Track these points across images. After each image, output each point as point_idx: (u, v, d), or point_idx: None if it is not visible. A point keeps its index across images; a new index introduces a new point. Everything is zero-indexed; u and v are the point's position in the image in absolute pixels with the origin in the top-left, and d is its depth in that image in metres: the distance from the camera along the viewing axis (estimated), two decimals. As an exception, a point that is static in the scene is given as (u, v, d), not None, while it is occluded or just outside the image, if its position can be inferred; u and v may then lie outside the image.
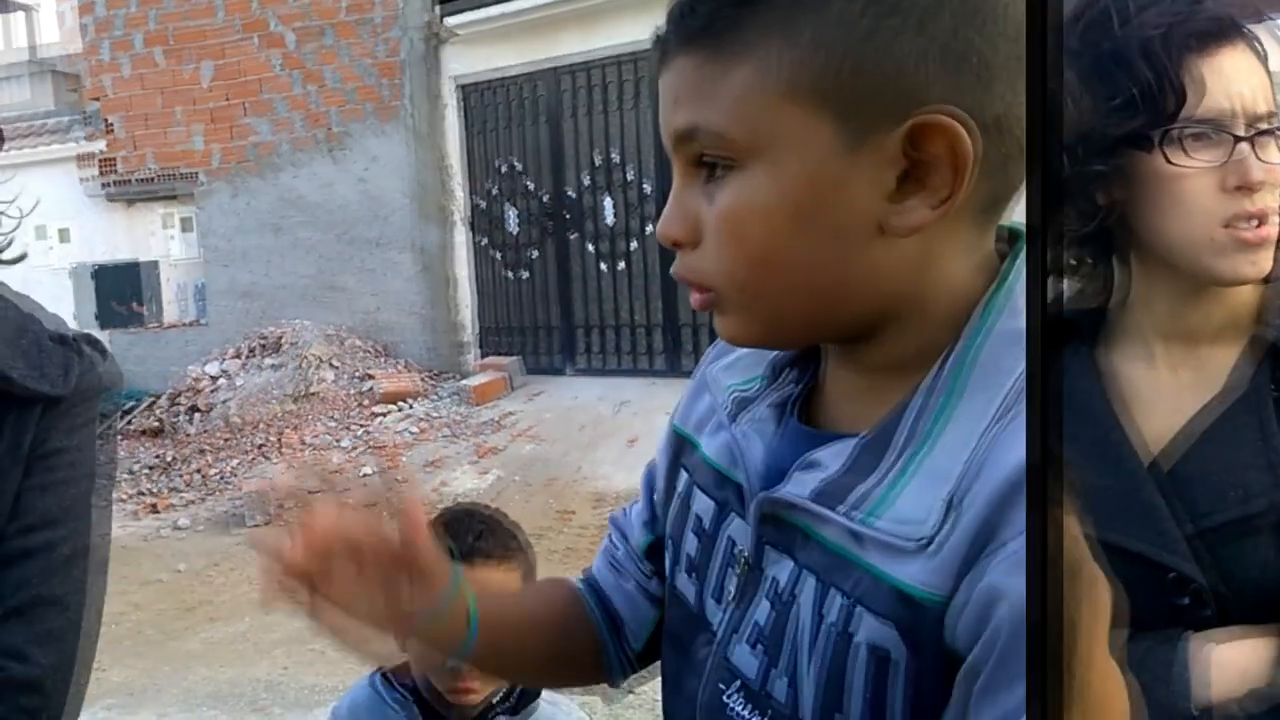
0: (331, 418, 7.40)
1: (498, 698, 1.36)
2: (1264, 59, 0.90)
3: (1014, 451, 0.57)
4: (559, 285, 7.86)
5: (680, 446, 0.84)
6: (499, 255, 8.17)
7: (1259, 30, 0.90)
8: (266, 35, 8.59)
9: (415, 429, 7.15)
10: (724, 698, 0.70)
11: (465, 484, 6.31)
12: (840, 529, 0.63)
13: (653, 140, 7.35)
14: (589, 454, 6.43)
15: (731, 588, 0.72)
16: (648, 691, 3.91)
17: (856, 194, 0.62)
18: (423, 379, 7.89)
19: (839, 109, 0.61)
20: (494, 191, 8.14)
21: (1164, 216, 0.87)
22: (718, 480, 0.76)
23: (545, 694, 1.41)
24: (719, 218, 0.65)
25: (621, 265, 7.56)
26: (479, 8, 7.82)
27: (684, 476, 0.82)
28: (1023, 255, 0.66)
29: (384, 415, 7.39)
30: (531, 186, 7.95)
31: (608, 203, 7.59)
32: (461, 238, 8.26)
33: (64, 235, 9.46)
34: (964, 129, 0.60)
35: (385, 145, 8.28)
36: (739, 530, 0.73)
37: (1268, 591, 0.86)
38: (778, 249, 0.64)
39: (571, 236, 7.78)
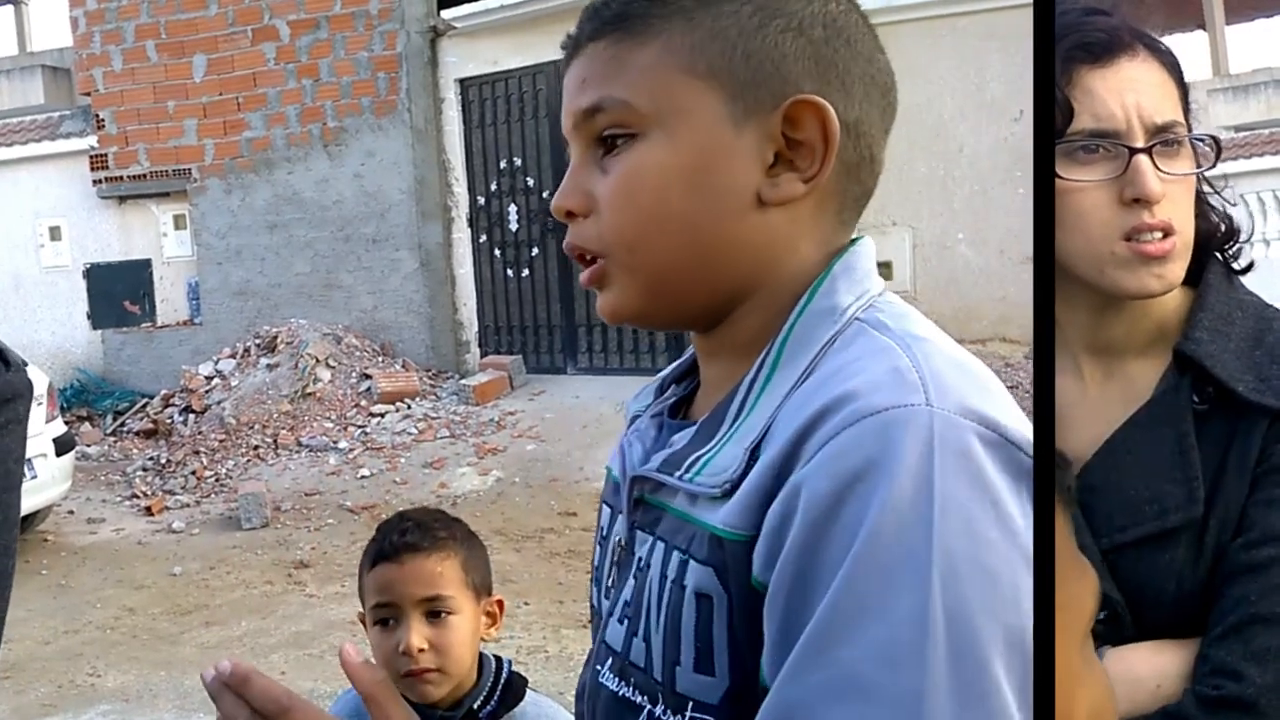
0: (329, 418, 7.32)
1: (480, 699, 1.36)
2: (1172, 67, 0.89)
3: (809, 404, 0.64)
4: (560, 283, 7.80)
5: (607, 483, 0.89)
6: (500, 253, 8.10)
7: (1169, 39, 0.90)
8: (261, 28, 8.50)
9: (415, 429, 7.08)
10: (599, 678, 0.76)
11: (466, 485, 6.28)
12: (682, 494, 0.70)
13: (655, 135, 7.28)
14: (591, 453, 6.38)
15: (610, 578, 0.79)
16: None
17: (739, 164, 0.70)
18: (422, 378, 7.81)
19: (730, 88, 0.70)
20: (494, 189, 8.07)
21: (1064, 232, 0.87)
22: (612, 488, 0.83)
23: (530, 694, 1.41)
24: (616, 180, 0.72)
25: (624, 262, 7.50)
26: (477, 0, 7.74)
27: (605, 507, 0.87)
28: (854, 249, 0.73)
29: (383, 415, 7.31)
30: (532, 184, 7.88)
31: (610, 199, 7.54)
32: (462, 235, 8.19)
33: (55, 233, 9.33)
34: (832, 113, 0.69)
35: (383, 141, 8.20)
36: (620, 526, 0.79)
37: (1182, 605, 0.87)
38: (668, 208, 0.71)
39: (573, 233, 7.71)
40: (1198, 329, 0.90)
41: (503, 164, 7.99)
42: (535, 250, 7.92)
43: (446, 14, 7.90)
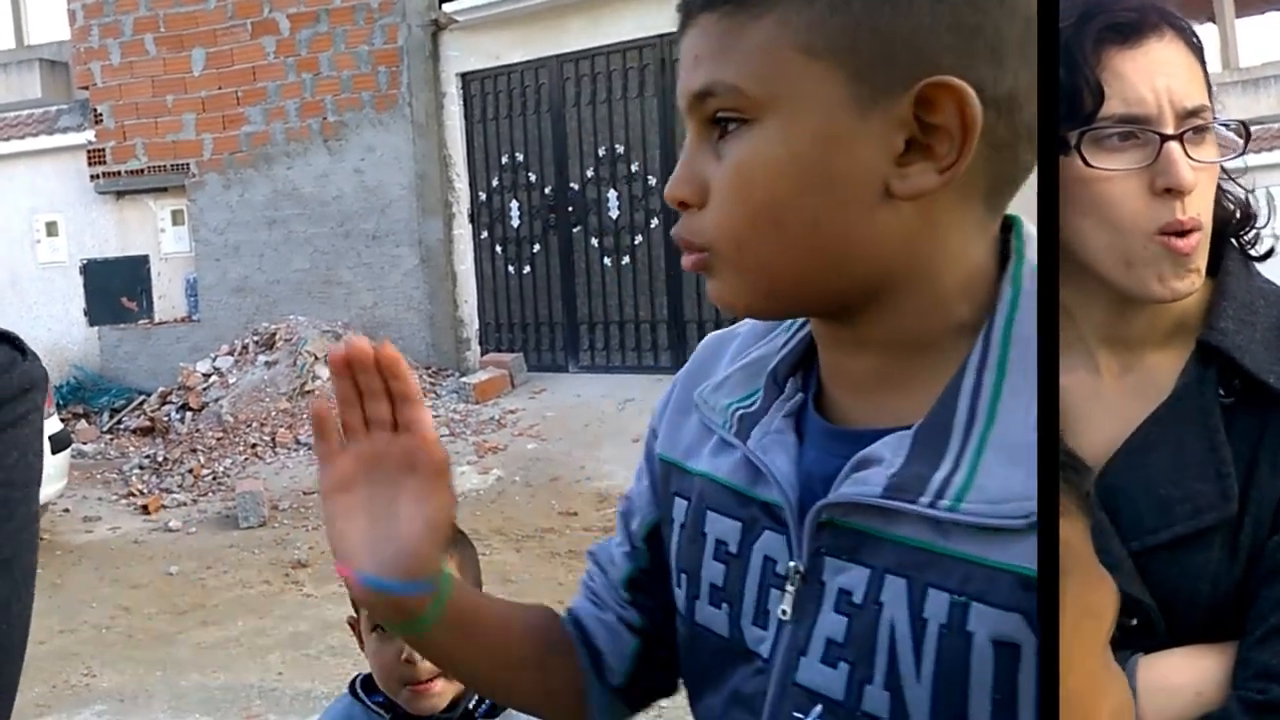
0: (328, 416, 7.29)
1: (474, 700, 1.35)
2: (1197, 50, 0.86)
3: None
4: (562, 280, 7.77)
5: (668, 474, 0.82)
6: (501, 249, 8.06)
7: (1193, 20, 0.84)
8: (260, 21, 8.46)
9: (414, 427, 7.04)
10: None
11: (467, 483, 6.24)
12: (918, 523, 0.63)
13: (658, 132, 7.26)
14: (592, 452, 6.38)
15: (781, 607, 0.70)
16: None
17: (864, 154, 0.63)
18: (422, 376, 7.79)
19: (853, 69, 0.62)
20: (496, 184, 8.03)
21: (1088, 223, 0.83)
22: (738, 500, 0.75)
23: None
24: (726, 173, 0.66)
25: (626, 260, 7.48)
26: (479, -6, 7.71)
27: (681, 504, 0.80)
28: (1026, 231, 0.67)
29: (382, 413, 7.26)
30: (534, 179, 7.85)
31: (612, 196, 7.51)
32: (463, 231, 8.15)
33: (52, 229, 9.27)
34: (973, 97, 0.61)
35: (383, 136, 8.16)
36: (774, 545, 0.71)
37: (1218, 607, 0.84)
38: (781, 206, 0.65)
39: (575, 230, 7.69)
40: (1222, 319, 0.86)
41: (504, 159, 7.96)
42: (537, 247, 7.88)
43: (448, 7, 7.86)
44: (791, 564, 0.70)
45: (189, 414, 7.52)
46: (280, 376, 7.61)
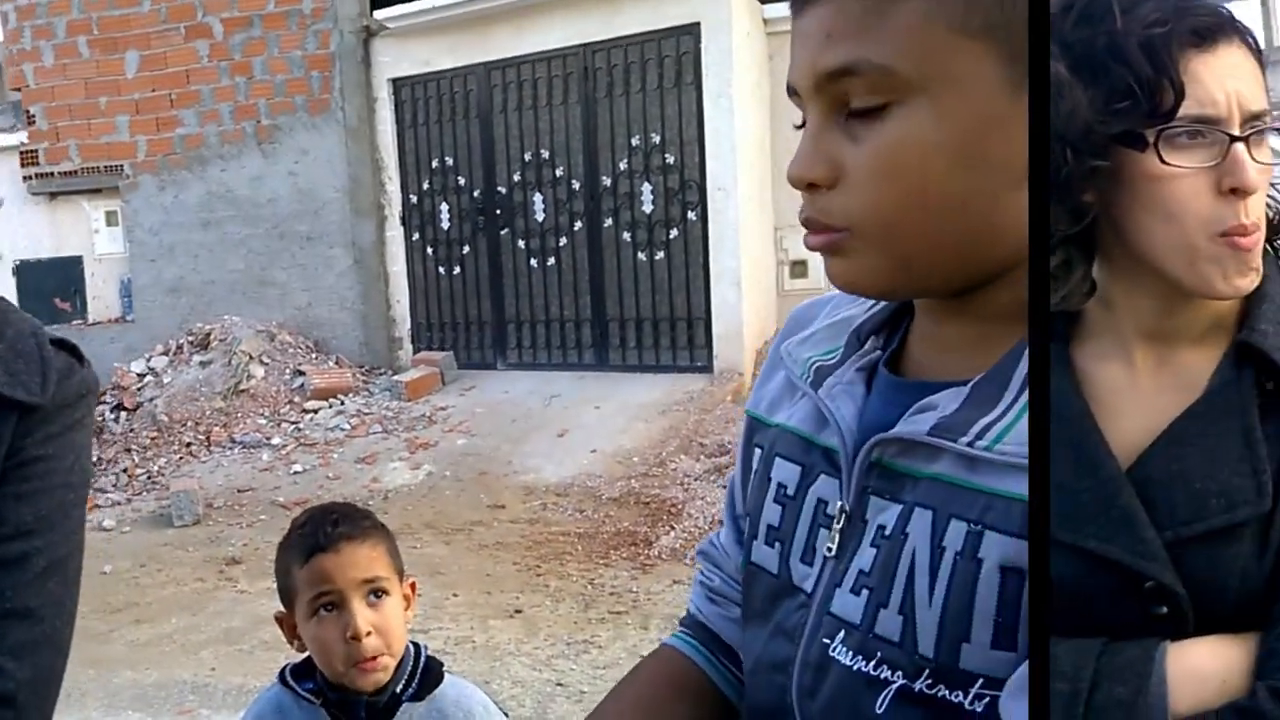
0: (263, 415, 7.38)
1: (401, 684, 1.40)
2: (1257, 54, 0.87)
3: None
4: (490, 281, 7.90)
5: (752, 428, 0.84)
6: (432, 251, 8.18)
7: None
8: (193, 25, 8.48)
9: (348, 425, 7.17)
10: (830, 652, 0.70)
11: (398, 479, 6.34)
12: (954, 460, 0.65)
13: (582, 137, 7.42)
14: (519, 447, 6.50)
15: (827, 545, 0.72)
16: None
17: (1017, 136, 0.61)
18: (355, 375, 7.88)
19: (1010, 48, 0.61)
20: (426, 187, 8.15)
21: (1155, 219, 0.83)
22: (803, 446, 0.77)
23: (449, 677, 1.45)
24: (869, 157, 0.64)
25: (551, 261, 7.63)
26: (409, 0, 7.81)
27: (758, 453, 0.82)
28: None
29: (316, 412, 7.39)
30: (463, 183, 7.98)
31: (538, 199, 7.65)
32: (395, 233, 8.26)
33: (-15, 228, 9.24)
34: None
35: (316, 139, 8.24)
36: (828, 489, 0.74)
37: (1248, 600, 0.83)
38: (933, 189, 0.64)
39: (502, 232, 7.82)
40: (1262, 320, 0.86)
41: (435, 163, 8.08)
42: (466, 248, 8.02)
43: (379, 14, 7.94)
44: (839, 503, 0.72)
45: (124, 414, 7.51)
46: (215, 376, 7.66)
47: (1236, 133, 0.83)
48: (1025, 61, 0.60)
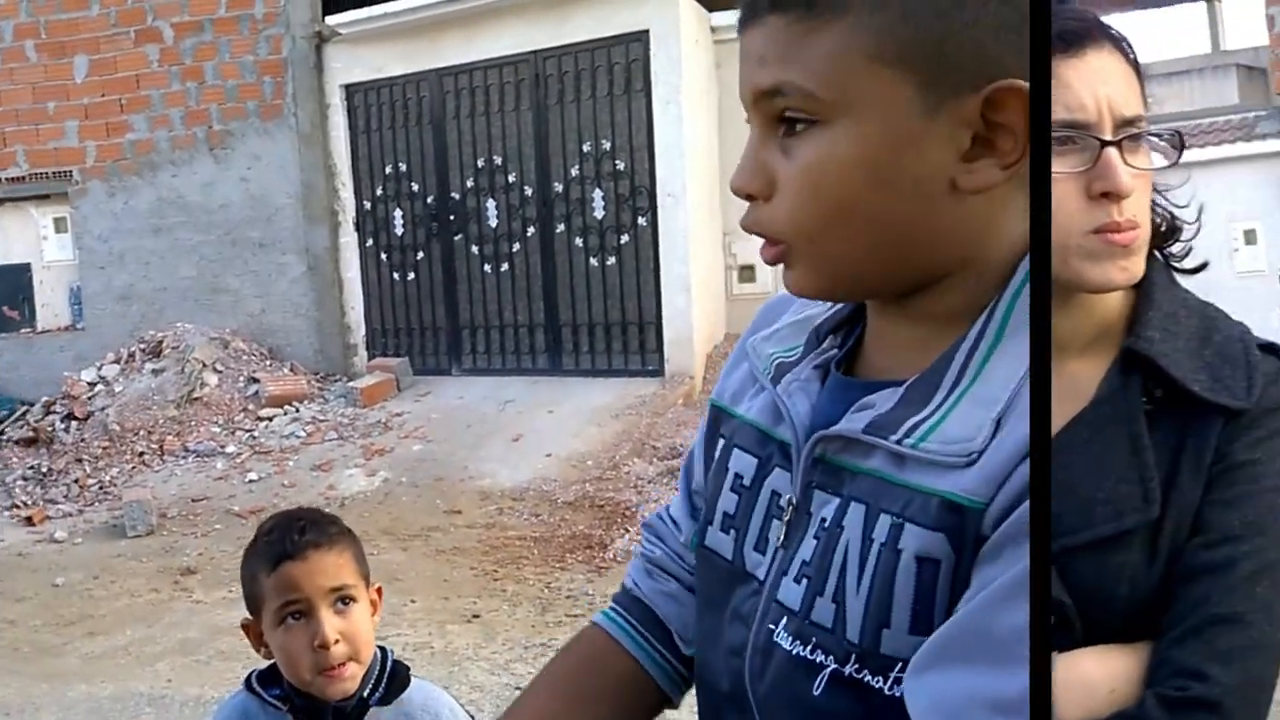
0: (216, 423, 7.34)
1: (368, 689, 1.40)
2: (1133, 61, 0.88)
3: None
4: (444, 287, 7.92)
5: (716, 418, 0.88)
6: (386, 257, 8.19)
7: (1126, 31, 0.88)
8: (143, 29, 8.41)
9: (303, 432, 7.15)
10: (774, 637, 0.74)
11: (354, 486, 6.34)
12: (885, 457, 0.69)
13: (534, 144, 7.47)
14: (475, 452, 6.52)
15: (777, 535, 0.76)
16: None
17: (932, 154, 0.66)
18: (310, 381, 7.86)
19: (923, 75, 0.65)
20: (380, 193, 8.15)
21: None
22: (759, 439, 0.80)
23: (415, 681, 1.45)
24: (797, 172, 0.69)
25: (505, 267, 7.67)
26: (360, 6, 7.81)
27: (720, 443, 0.85)
28: None
29: (271, 419, 7.36)
30: (416, 189, 7.99)
31: (491, 205, 7.69)
32: (349, 239, 8.25)
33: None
34: None
35: (269, 145, 8.20)
36: (781, 481, 0.77)
37: (1135, 608, 0.84)
38: (852, 204, 0.68)
39: (456, 238, 7.85)
40: (1148, 327, 0.87)
41: (388, 169, 8.09)
42: (420, 254, 8.03)
43: (331, 20, 7.94)
44: (787, 496, 0.76)
45: (74, 423, 7.42)
46: (168, 384, 7.61)
47: (1108, 137, 0.85)
48: (939, 85, 0.65)
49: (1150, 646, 0.84)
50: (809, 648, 0.71)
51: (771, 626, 0.74)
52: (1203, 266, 0.95)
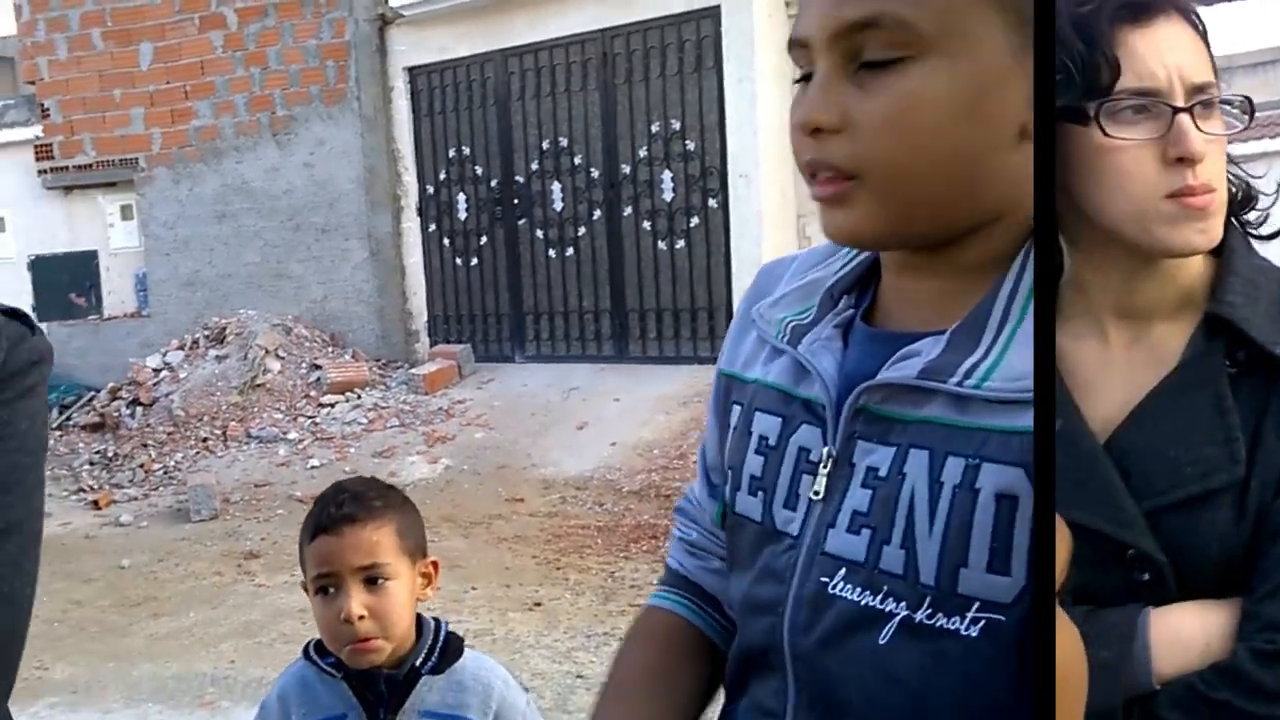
0: (279, 409, 7.34)
1: (420, 658, 1.42)
2: (1201, 31, 0.90)
3: None
4: (508, 272, 7.84)
5: (728, 387, 0.88)
6: (449, 242, 8.13)
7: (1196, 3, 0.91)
8: (208, 16, 8.44)
9: (365, 419, 7.12)
10: (830, 589, 0.74)
11: (416, 473, 6.32)
12: (946, 402, 0.70)
13: (600, 125, 7.34)
14: (538, 440, 6.48)
15: (813, 489, 0.77)
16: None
17: (1013, 96, 0.68)
18: (372, 368, 7.84)
19: (1018, 13, 0.67)
20: (443, 177, 8.10)
21: (1106, 191, 0.87)
22: (782, 399, 0.81)
23: (468, 652, 1.47)
24: (887, 104, 0.69)
25: (570, 251, 7.56)
26: (425, -11, 7.76)
27: (736, 410, 0.86)
28: None
29: (333, 406, 7.34)
30: (480, 172, 7.91)
31: (556, 188, 7.58)
32: (411, 224, 8.21)
33: None
34: None
35: (332, 130, 8.19)
36: (809, 436, 0.78)
37: (1226, 565, 0.87)
38: (940, 141, 0.68)
39: (520, 223, 7.76)
40: (1229, 293, 0.90)
41: (451, 153, 8.02)
42: (483, 239, 7.95)
43: (394, 2, 7.90)
44: (825, 449, 0.77)
45: (139, 409, 7.51)
46: (231, 370, 7.64)
47: (1180, 104, 0.87)
48: (1026, 26, 0.65)
49: (1240, 602, 0.87)
50: (879, 597, 0.71)
51: (825, 579, 0.74)
52: (1278, 234, 0.97)
